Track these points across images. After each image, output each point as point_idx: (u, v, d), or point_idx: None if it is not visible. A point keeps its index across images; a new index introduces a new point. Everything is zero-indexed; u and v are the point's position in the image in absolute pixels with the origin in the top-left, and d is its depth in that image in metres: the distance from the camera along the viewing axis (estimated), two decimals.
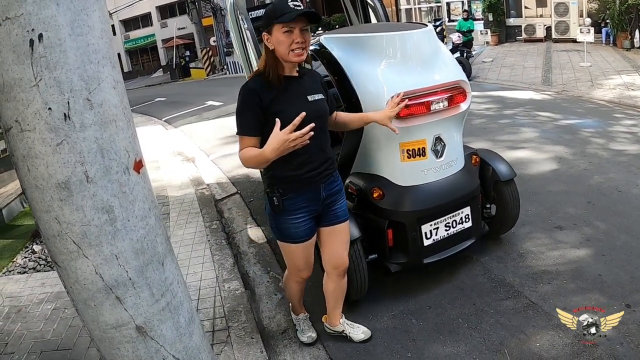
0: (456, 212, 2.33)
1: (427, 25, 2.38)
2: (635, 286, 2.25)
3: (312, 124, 1.43)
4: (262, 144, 1.55)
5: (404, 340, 2.09)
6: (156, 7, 24.63)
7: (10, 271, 3.04)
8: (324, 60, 2.32)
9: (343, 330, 2.10)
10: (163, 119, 9.77)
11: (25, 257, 3.18)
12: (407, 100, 1.92)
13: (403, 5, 15.75)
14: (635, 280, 2.30)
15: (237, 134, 1.61)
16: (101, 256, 1.19)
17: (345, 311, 2.22)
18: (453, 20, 12.21)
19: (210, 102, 10.65)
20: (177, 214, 3.82)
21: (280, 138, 1.43)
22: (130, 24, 26.18)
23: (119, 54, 29.20)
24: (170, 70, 22.62)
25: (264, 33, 1.59)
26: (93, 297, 1.24)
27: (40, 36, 1.00)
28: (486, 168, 2.60)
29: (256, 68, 1.66)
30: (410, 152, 2.18)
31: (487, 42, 12.07)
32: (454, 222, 2.34)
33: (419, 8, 15.09)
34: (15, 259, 3.20)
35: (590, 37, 8.94)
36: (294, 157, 1.57)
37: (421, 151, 2.18)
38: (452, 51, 9.48)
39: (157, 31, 25.37)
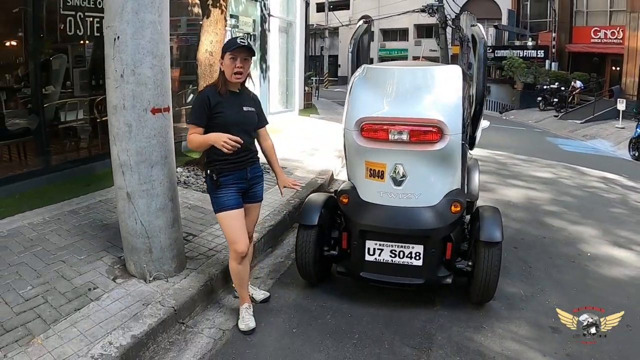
0: (405, 244, 2.59)
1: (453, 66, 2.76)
2: None
3: (241, 141, 2.18)
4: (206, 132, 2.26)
5: (305, 325, 2.54)
6: (414, 25, 27.32)
7: None
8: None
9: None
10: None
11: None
12: (299, 186, 2.60)
13: None
14: None
15: (187, 122, 2.31)
16: (121, 147, 2.48)
17: (295, 285, 2.91)
18: None
19: None
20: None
21: (219, 136, 2.17)
22: (388, 34, 29.92)
23: (372, 59, 33.79)
24: None
25: (219, 59, 2.36)
26: (116, 168, 2.56)
27: (118, 37, 2.32)
28: (475, 223, 2.67)
29: None
30: (372, 172, 2.62)
31: None
32: (401, 253, 2.60)
33: None
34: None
35: None
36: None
37: (380, 173, 2.59)
38: None
39: (410, 47, 28.06)
